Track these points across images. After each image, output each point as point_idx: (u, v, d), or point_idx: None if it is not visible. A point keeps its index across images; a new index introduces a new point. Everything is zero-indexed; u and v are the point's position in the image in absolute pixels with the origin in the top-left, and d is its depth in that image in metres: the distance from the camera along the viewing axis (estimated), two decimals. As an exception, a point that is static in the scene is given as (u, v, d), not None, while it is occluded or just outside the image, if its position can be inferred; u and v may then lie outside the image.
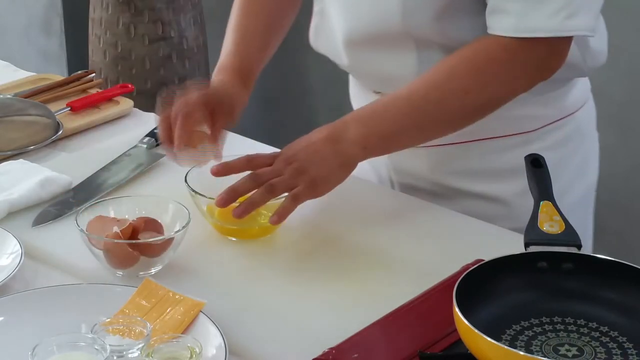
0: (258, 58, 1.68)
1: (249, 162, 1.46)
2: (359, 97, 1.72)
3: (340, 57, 1.63)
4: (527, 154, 1.56)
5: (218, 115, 1.56)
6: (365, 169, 1.73)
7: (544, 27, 1.40)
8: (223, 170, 1.46)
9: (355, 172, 1.50)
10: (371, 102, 1.52)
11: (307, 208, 1.50)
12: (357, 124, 1.47)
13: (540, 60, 1.45)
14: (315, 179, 1.44)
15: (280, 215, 1.42)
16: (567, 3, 1.40)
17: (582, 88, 1.66)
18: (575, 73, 1.59)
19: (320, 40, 1.66)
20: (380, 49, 1.56)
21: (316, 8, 1.66)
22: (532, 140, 1.60)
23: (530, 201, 1.58)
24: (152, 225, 1.39)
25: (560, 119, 1.62)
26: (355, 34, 1.57)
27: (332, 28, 1.62)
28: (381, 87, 1.62)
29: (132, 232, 1.37)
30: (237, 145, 1.76)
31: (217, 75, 1.64)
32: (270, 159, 1.46)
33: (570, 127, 1.64)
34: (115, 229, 1.36)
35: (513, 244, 1.31)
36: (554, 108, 1.61)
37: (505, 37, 1.42)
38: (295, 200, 1.43)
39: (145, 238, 1.36)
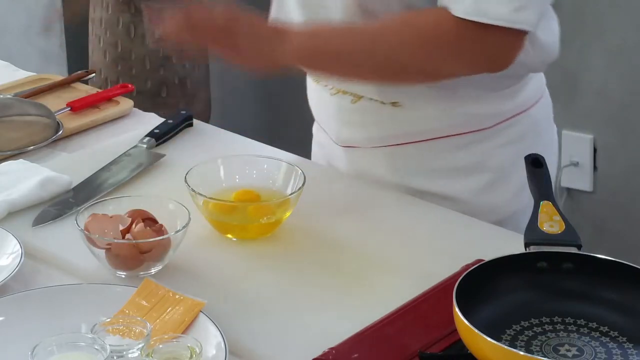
0: None
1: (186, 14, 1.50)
2: (317, 99, 1.72)
3: None
4: (481, 151, 1.58)
5: None
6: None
7: (494, 15, 1.40)
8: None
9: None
10: (326, 23, 1.55)
11: (307, 208, 1.51)
12: (302, 34, 1.50)
13: (493, 46, 1.44)
14: (241, 52, 1.48)
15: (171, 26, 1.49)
16: None
17: (536, 84, 1.66)
18: (525, 69, 1.59)
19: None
20: None
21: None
22: (488, 137, 1.61)
23: (487, 199, 1.60)
24: (144, 216, 1.39)
25: (515, 115, 1.62)
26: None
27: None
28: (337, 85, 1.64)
29: (129, 225, 1.37)
30: (238, 145, 1.76)
31: None
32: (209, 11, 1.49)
33: (525, 123, 1.64)
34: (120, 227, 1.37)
35: (513, 244, 1.31)
36: (508, 104, 1.61)
37: (459, 17, 1.42)
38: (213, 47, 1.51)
39: (141, 230, 1.36)
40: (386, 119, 1.61)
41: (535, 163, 1.43)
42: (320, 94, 1.68)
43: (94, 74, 2.06)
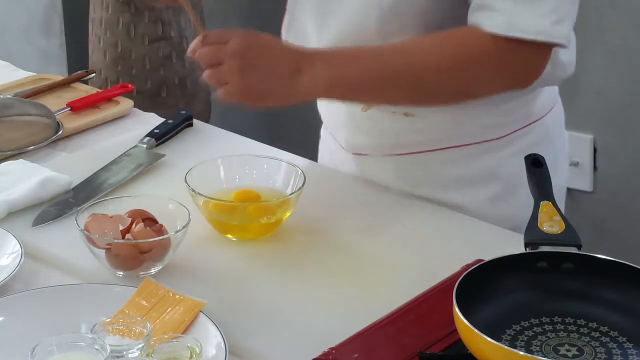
0: None
1: (203, 39, 1.43)
2: (327, 106, 1.71)
3: None
4: (493, 161, 1.56)
5: None
6: None
7: (533, 29, 1.39)
8: (191, 53, 1.45)
9: None
10: (351, 47, 1.49)
11: (307, 208, 1.51)
12: (329, 63, 1.43)
13: (524, 62, 1.44)
14: (258, 93, 1.42)
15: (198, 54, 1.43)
16: (555, 9, 1.39)
17: (549, 93, 1.64)
18: (542, 84, 1.57)
19: (290, 36, 1.63)
20: None
21: (288, 7, 1.65)
22: (501, 147, 1.59)
23: (498, 209, 1.59)
24: (144, 216, 1.39)
25: (528, 125, 1.61)
26: (328, 40, 1.55)
27: (303, 28, 1.61)
28: None
29: (129, 225, 1.37)
30: (238, 145, 1.76)
31: None
32: (224, 38, 1.42)
33: (538, 132, 1.62)
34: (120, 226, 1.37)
35: (513, 244, 1.31)
36: (521, 114, 1.59)
37: (494, 33, 1.41)
38: (225, 97, 1.42)
39: (141, 230, 1.36)
40: (397, 128, 1.59)
41: (535, 163, 1.43)
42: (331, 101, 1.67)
43: (94, 74, 2.06)
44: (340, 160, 1.71)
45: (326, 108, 1.71)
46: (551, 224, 1.29)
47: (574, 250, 1.25)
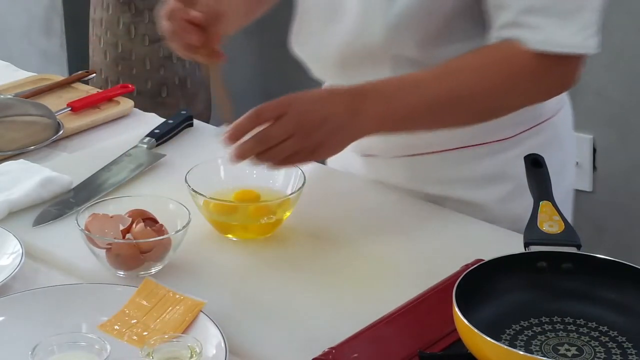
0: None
1: (257, 117, 1.39)
2: None
3: (314, 66, 1.62)
4: (503, 161, 1.57)
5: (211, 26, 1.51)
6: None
7: (571, 44, 1.43)
8: (234, 134, 1.39)
9: None
10: (392, 77, 1.48)
11: (307, 208, 1.51)
12: (377, 100, 1.43)
13: (564, 74, 1.47)
14: (321, 150, 1.41)
15: (244, 155, 1.38)
16: (589, 22, 1.43)
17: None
18: None
19: (298, 43, 1.64)
20: (356, 64, 1.55)
21: (298, 12, 1.65)
22: (511, 146, 1.60)
23: (508, 208, 1.59)
24: (144, 216, 1.40)
25: (538, 124, 1.62)
26: (335, 47, 1.55)
27: (311, 35, 1.61)
28: None
29: (130, 225, 1.37)
30: (237, 146, 1.76)
31: None
32: (278, 111, 1.38)
33: (547, 132, 1.63)
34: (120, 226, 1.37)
35: (513, 244, 1.31)
36: (532, 114, 1.60)
37: (535, 50, 1.42)
38: (284, 162, 1.40)
39: (141, 230, 1.36)
40: None
41: (535, 163, 1.43)
42: None
43: (94, 74, 2.06)
44: (349, 162, 1.71)
45: None
46: (551, 224, 1.29)
47: (573, 250, 1.26)
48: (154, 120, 1.85)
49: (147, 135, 1.75)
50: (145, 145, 1.73)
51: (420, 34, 1.49)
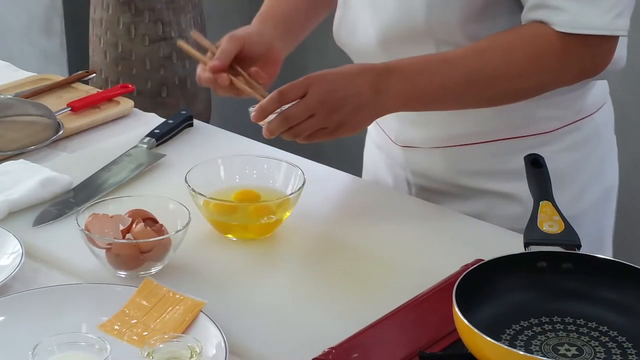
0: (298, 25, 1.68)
1: (281, 97, 1.42)
2: None
3: (356, 54, 1.62)
4: (544, 155, 1.56)
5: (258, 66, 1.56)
6: (382, 170, 1.73)
7: (597, 25, 1.42)
8: (259, 114, 1.44)
9: (371, 173, 1.44)
10: (418, 56, 1.49)
11: (307, 208, 1.51)
12: (402, 79, 1.45)
13: (591, 56, 1.46)
14: (345, 127, 1.43)
15: (272, 132, 1.43)
16: (616, 3, 1.42)
17: (600, 90, 1.66)
18: (597, 77, 1.58)
19: (341, 32, 1.65)
20: (400, 47, 1.55)
21: (339, 5, 1.65)
22: (550, 141, 1.59)
23: None
24: (144, 216, 1.40)
25: (578, 120, 1.61)
26: (378, 31, 1.56)
27: (353, 22, 1.61)
28: None
29: (130, 225, 1.37)
30: (238, 145, 1.76)
31: (257, 24, 1.62)
32: (301, 91, 1.42)
33: (587, 129, 1.63)
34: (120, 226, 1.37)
35: (513, 244, 1.31)
36: (572, 109, 1.60)
37: (561, 31, 1.43)
38: (309, 139, 1.43)
39: (141, 230, 1.36)
40: (446, 120, 1.59)
41: (534, 163, 1.43)
42: None
43: (94, 74, 2.06)
44: (389, 154, 1.71)
45: None
46: (551, 224, 1.29)
47: (573, 250, 1.26)
48: (154, 120, 1.85)
49: (147, 135, 1.75)
50: (145, 145, 1.73)
51: (461, 13, 1.49)
